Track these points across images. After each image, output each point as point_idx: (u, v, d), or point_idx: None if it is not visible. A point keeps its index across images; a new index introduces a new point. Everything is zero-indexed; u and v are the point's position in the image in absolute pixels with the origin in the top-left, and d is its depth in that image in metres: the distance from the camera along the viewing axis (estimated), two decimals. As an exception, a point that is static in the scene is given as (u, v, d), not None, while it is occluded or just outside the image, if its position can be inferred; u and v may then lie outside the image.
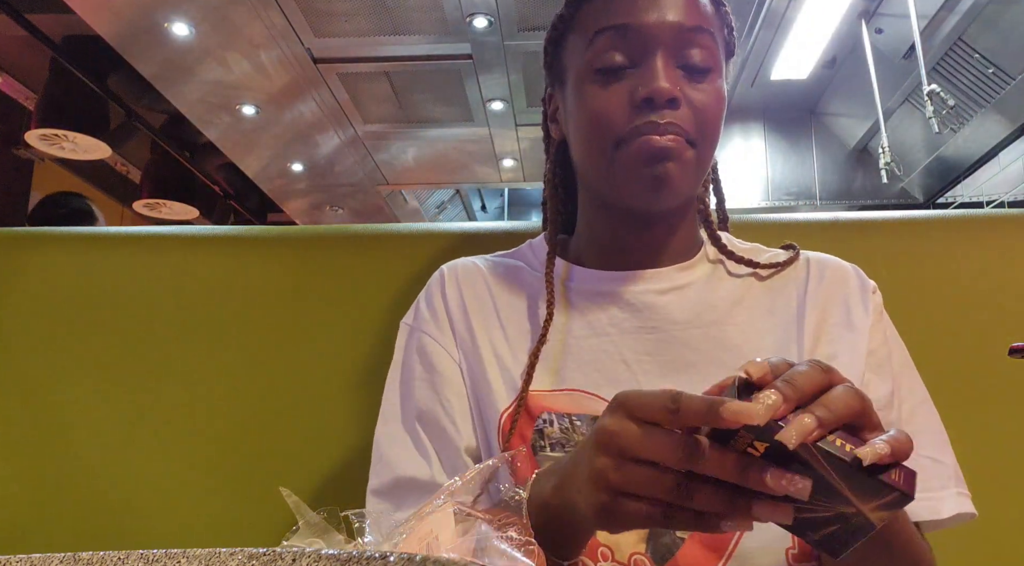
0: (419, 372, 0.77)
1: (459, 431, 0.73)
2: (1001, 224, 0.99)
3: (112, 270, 1.02)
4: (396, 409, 0.76)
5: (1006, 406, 0.92)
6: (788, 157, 4.89)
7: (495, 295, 0.80)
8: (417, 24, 3.21)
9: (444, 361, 0.77)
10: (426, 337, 0.78)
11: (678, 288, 0.76)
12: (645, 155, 0.69)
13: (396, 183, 5.00)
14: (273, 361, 0.97)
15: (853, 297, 0.76)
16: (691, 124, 0.70)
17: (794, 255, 0.79)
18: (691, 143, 0.70)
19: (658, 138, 0.68)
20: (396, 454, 0.73)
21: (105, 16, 3.03)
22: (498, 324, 0.78)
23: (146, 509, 0.94)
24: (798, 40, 3.67)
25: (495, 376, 0.74)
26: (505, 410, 0.72)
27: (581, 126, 0.74)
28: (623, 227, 0.78)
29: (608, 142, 0.71)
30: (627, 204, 0.74)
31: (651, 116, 0.68)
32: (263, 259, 1.02)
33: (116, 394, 0.97)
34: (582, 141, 0.75)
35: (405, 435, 0.74)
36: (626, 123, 0.70)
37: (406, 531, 0.44)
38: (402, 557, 0.31)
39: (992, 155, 4.03)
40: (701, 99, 0.71)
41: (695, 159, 0.71)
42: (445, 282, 0.81)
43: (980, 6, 3.10)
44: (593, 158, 0.74)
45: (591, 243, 0.81)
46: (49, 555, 0.32)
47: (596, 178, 0.76)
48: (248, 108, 3.82)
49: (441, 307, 0.80)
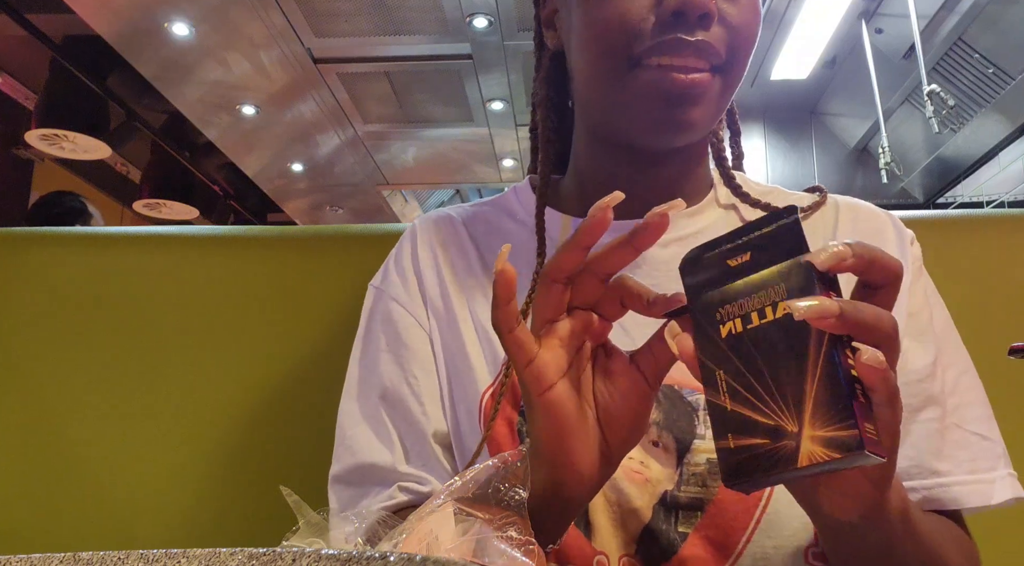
0: (384, 343, 0.69)
1: (426, 414, 0.66)
2: (1001, 224, 0.99)
3: (112, 270, 1.02)
4: (357, 385, 0.69)
5: (1006, 406, 0.92)
6: (788, 157, 4.89)
7: (479, 249, 0.70)
8: (417, 24, 3.21)
9: (413, 332, 0.68)
10: (393, 303, 0.70)
11: (682, 239, 0.66)
12: (665, 93, 0.58)
13: (396, 183, 5.00)
14: (273, 361, 0.97)
15: (890, 245, 0.67)
16: (723, 46, 0.59)
17: (821, 199, 0.69)
18: (719, 70, 0.60)
19: (683, 77, 0.58)
20: (357, 437, 0.66)
21: (105, 16, 3.03)
22: (477, 285, 0.68)
23: (146, 509, 0.94)
24: (798, 40, 3.67)
25: (475, 351, 0.65)
26: (487, 389, 0.63)
27: (588, 35, 0.61)
28: (625, 166, 0.67)
29: (621, 59, 0.59)
30: (634, 141, 0.64)
31: (679, 32, 0.57)
32: (263, 259, 1.02)
33: (116, 394, 0.97)
34: (587, 55, 0.62)
35: (367, 416, 0.67)
36: (647, 37, 0.58)
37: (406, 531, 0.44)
38: (402, 557, 0.31)
39: (992, 155, 4.03)
40: (737, 15, 0.59)
41: (721, 89, 0.61)
42: (417, 239, 0.72)
43: (980, 6, 3.10)
44: (600, 78, 0.61)
45: (586, 185, 0.70)
46: (49, 555, 0.32)
47: (600, 105, 0.64)
48: (248, 108, 3.82)
49: (411, 268, 0.70)
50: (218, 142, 4.17)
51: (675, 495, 0.58)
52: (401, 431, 0.66)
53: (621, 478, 0.59)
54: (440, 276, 0.70)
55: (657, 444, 0.59)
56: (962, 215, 0.99)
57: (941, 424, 0.63)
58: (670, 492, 0.58)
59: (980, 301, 0.95)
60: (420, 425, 0.66)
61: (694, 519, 0.58)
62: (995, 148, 3.95)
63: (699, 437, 0.59)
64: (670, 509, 0.58)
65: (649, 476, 0.59)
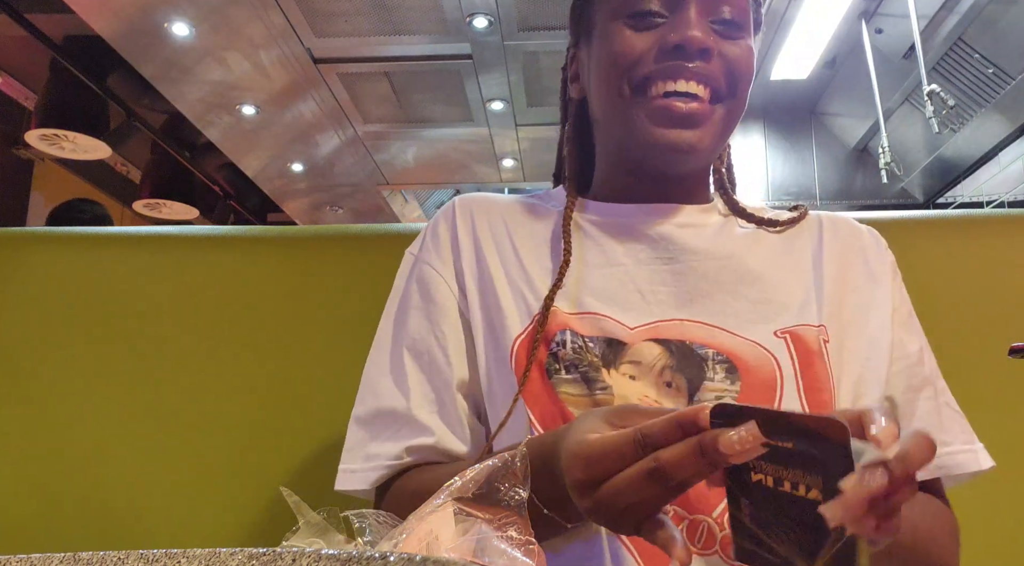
0: (415, 301, 0.75)
1: (451, 364, 0.71)
2: (1001, 224, 0.99)
3: (112, 270, 1.02)
4: (388, 337, 0.75)
5: (1006, 406, 0.92)
6: (788, 157, 4.89)
7: (510, 227, 0.77)
8: (417, 24, 3.21)
9: (442, 292, 0.74)
10: (426, 266, 0.76)
11: (695, 225, 0.74)
12: (664, 117, 0.68)
13: (396, 183, 5.01)
14: (273, 361, 0.97)
15: (870, 251, 0.75)
16: (721, 77, 0.68)
17: (804, 211, 0.78)
18: (719, 99, 0.69)
19: (682, 105, 0.67)
20: (380, 383, 0.72)
21: (105, 16, 3.03)
22: (513, 254, 0.75)
23: (146, 509, 0.94)
24: (798, 40, 3.67)
25: (508, 303, 0.71)
26: (519, 336, 0.69)
27: (602, 68, 0.71)
28: (641, 184, 0.76)
29: (628, 85, 0.69)
30: (645, 164, 0.73)
31: (679, 60, 0.67)
32: (263, 259, 1.02)
33: (116, 394, 0.97)
34: (601, 85, 0.72)
35: (392, 367, 0.73)
36: (650, 63, 0.68)
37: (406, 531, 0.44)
38: (402, 557, 0.31)
39: (992, 155, 4.04)
40: (734, 53, 0.69)
41: (721, 119, 0.70)
42: (456, 212, 0.78)
43: (980, 6, 3.10)
44: (611, 103, 0.71)
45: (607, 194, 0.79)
46: (49, 555, 0.32)
47: (613, 128, 0.74)
48: (248, 108, 3.83)
49: (447, 238, 0.77)
50: (218, 142, 4.17)
51: None
52: (425, 379, 0.72)
53: None
54: (476, 242, 0.76)
55: (670, 385, 0.65)
56: (962, 215, 0.99)
57: (936, 401, 0.72)
58: None
59: (980, 301, 0.95)
60: (444, 373, 0.71)
61: None
62: (995, 148, 3.95)
63: (708, 380, 0.65)
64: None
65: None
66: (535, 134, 4.32)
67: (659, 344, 0.66)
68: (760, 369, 0.65)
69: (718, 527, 0.60)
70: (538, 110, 4.02)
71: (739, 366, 0.65)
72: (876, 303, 0.72)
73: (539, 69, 3.60)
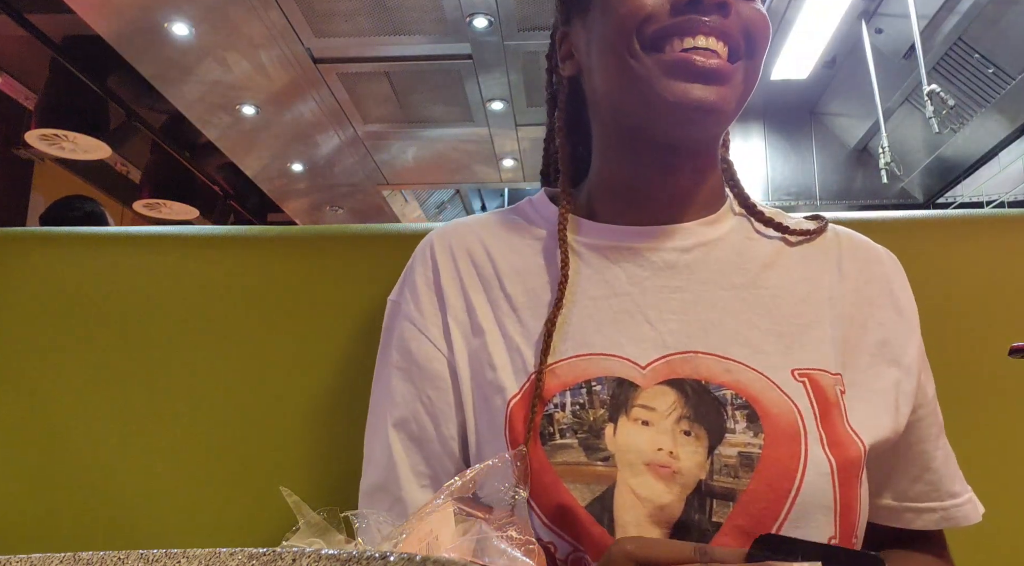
0: (397, 361, 0.70)
1: (439, 431, 0.67)
2: (1001, 224, 0.99)
3: (112, 270, 1.02)
4: (378, 403, 0.72)
5: (1006, 406, 0.92)
6: (788, 157, 4.89)
7: (495, 260, 0.71)
8: (417, 24, 3.21)
9: (425, 352, 0.69)
10: (407, 324, 0.71)
11: (704, 245, 0.68)
12: (682, 71, 0.61)
13: (396, 183, 5.00)
14: (273, 361, 0.97)
15: (895, 280, 0.70)
16: (739, 35, 0.63)
17: (823, 224, 0.72)
18: (738, 58, 0.63)
19: (703, 60, 0.61)
20: (373, 454, 0.70)
21: (105, 16, 3.03)
22: (501, 294, 0.69)
23: (146, 509, 0.94)
24: (798, 40, 3.67)
25: (502, 360, 0.66)
26: (513, 397, 0.64)
27: (609, 30, 0.64)
28: (646, 168, 0.69)
29: (639, 42, 0.62)
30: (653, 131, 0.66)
31: (694, 14, 0.61)
32: (263, 259, 1.02)
33: (116, 394, 0.97)
34: (607, 49, 0.64)
35: (380, 436, 0.70)
36: (664, 18, 0.62)
37: (406, 531, 0.44)
38: (402, 557, 0.31)
39: (992, 155, 4.04)
40: (751, 14, 0.63)
41: (743, 81, 0.64)
42: (436, 254, 0.72)
43: (980, 6, 3.10)
44: (620, 65, 0.64)
45: (605, 191, 0.72)
46: (49, 555, 0.32)
47: (619, 96, 0.66)
48: (248, 108, 3.82)
49: (428, 286, 0.71)
50: (218, 142, 4.17)
51: (709, 484, 0.59)
52: (414, 449, 0.68)
53: (649, 476, 0.59)
54: (464, 290, 0.70)
55: (688, 433, 0.60)
56: (962, 215, 0.99)
57: (947, 449, 0.70)
58: (704, 481, 0.59)
59: (980, 301, 0.94)
60: (433, 443, 0.67)
61: (727, 509, 0.58)
62: (995, 148, 3.95)
63: (729, 431, 0.60)
64: (704, 498, 0.59)
65: (678, 467, 0.59)
66: (535, 134, 4.32)
67: (673, 388, 0.62)
68: (781, 417, 0.60)
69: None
70: (538, 110, 4.02)
71: (759, 413, 0.60)
72: (899, 335, 0.68)
73: (539, 69, 3.55)
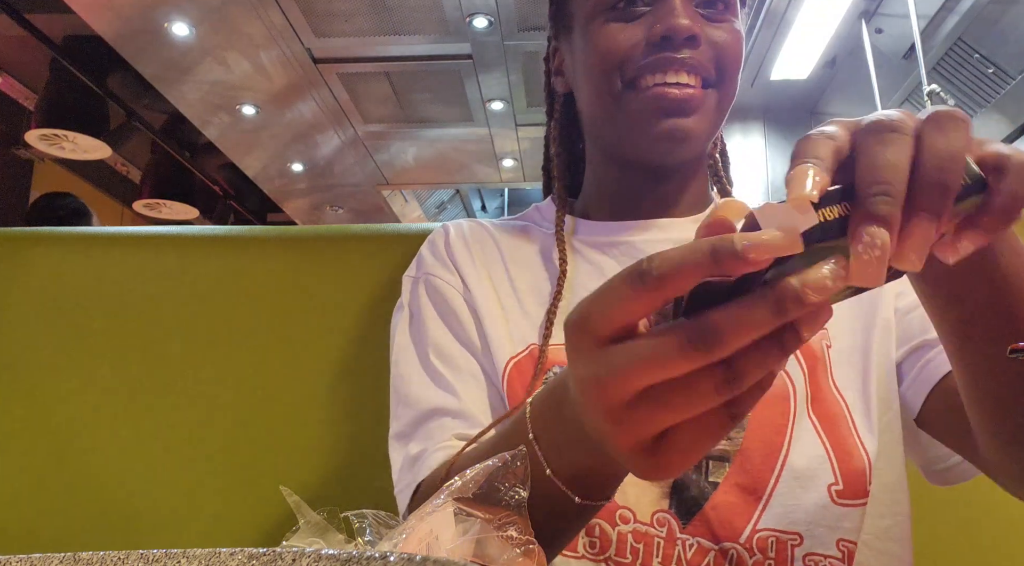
0: (430, 312, 0.73)
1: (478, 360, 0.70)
2: (1001, 224, 0.99)
3: (112, 270, 1.02)
4: (409, 352, 0.73)
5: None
6: (788, 157, 4.88)
7: (503, 251, 0.76)
8: (417, 24, 3.21)
9: (456, 298, 0.73)
10: (433, 278, 0.75)
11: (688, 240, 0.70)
12: (660, 108, 0.65)
13: (396, 183, 5.00)
14: (273, 361, 0.97)
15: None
16: (711, 63, 0.66)
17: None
18: (710, 85, 0.67)
19: (676, 92, 0.65)
20: (417, 392, 0.69)
21: (105, 16, 3.03)
22: (506, 279, 0.74)
23: (146, 509, 0.94)
24: (798, 40, 3.67)
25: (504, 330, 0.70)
26: (513, 357, 0.68)
27: (590, 66, 0.69)
28: (633, 179, 0.74)
29: (619, 81, 0.67)
30: (639, 157, 0.71)
31: (667, 52, 0.65)
32: (263, 259, 1.02)
33: (116, 394, 0.97)
34: (590, 83, 0.70)
35: (423, 373, 0.70)
36: (639, 58, 0.66)
37: (406, 531, 0.44)
38: (402, 557, 0.31)
39: (992, 155, 4.03)
40: (721, 37, 0.67)
41: (715, 105, 0.68)
42: (450, 235, 0.78)
43: (980, 6, 3.10)
44: (602, 100, 0.69)
45: (599, 197, 0.77)
46: (49, 555, 0.32)
47: (604, 125, 0.72)
48: (248, 108, 3.82)
49: (446, 255, 0.76)
50: (218, 142, 4.17)
51: None
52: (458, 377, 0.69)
53: None
54: (473, 263, 0.75)
55: None
56: (962, 215, 0.99)
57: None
58: None
59: (980, 301, 0.94)
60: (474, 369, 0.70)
61: (723, 470, 0.61)
62: (995, 148, 3.95)
63: None
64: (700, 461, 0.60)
65: None
66: (535, 134, 4.32)
67: None
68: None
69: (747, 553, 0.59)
70: (538, 110, 3.99)
71: None
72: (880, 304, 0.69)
73: (539, 69, 3.56)
